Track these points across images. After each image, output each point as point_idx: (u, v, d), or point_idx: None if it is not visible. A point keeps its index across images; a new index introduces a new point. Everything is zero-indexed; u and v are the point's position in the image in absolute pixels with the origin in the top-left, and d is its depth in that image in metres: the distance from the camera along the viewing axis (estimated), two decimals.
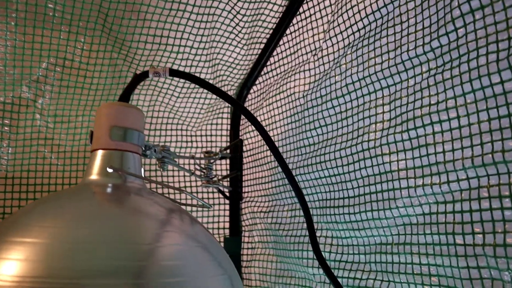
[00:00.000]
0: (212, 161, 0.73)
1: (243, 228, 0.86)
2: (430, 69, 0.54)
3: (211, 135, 0.85)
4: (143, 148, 0.57)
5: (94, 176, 0.51)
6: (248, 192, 0.86)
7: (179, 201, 0.66)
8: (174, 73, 0.56)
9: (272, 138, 0.68)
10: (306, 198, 0.70)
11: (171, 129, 0.82)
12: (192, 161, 0.78)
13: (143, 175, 0.54)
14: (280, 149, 0.76)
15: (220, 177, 0.69)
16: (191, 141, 0.84)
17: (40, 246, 0.39)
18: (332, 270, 0.57)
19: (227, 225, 0.85)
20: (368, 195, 0.60)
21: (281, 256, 0.75)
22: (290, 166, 0.73)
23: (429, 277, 0.53)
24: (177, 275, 0.42)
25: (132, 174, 0.52)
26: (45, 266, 0.38)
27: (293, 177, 0.55)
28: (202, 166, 0.72)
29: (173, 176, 0.82)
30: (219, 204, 0.85)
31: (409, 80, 0.56)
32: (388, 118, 0.58)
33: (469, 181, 0.49)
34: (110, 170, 0.51)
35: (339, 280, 0.61)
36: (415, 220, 0.55)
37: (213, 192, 0.85)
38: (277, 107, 0.77)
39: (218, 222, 0.84)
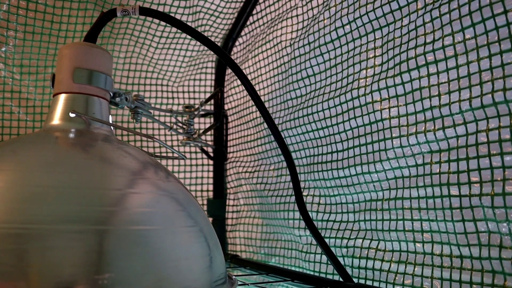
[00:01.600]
0: (192, 116, 0.68)
1: (228, 191, 0.81)
2: (426, 5, 0.49)
3: (193, 92, 0.80)
4: (112, 94, 0.52)
5: (55, 121, 0.47)
6: (233, 152, 0.81)
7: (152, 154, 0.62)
8: (145, 11, 0.51)
9: (258, 93, 0.63)
10: (293, 155, 0.65)
11: (150, 84, 0.77)
12: (169, 120, 0.74)
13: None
14: (266, 104, 0.71)
15: (200, 132, 0.64)
16: (172, 97, 0.78)
17: None
18: (319, 231, 0.53)
19: (211, 187, 0.81)
20: (358, 148, 0.55)
21: (267, 219, 0.71)
22: (276, 122, 0.68)
23: (421, 233, 0.48)
24: (146, 223, 0.38)
25: (98, 119, 0.48)
26: (2, 211, 0.34)
27: (279, 132, 0.51)
28: (182, 121, 0.67)
29: (146, 129, 0.76)
30: (202, 165, 0.81)
31: (403, 19, 0.51)
32: (380, 63, 0.53)
33: (466, 126, 0.44)
34: (72, 115, 0.46)
35: (327, 240, 0.57)
36: (407, 172, 0.50)
37: (196, 152, 0.80)
38: (263, 59, 0.72)
39: (202, 184, 0.80)
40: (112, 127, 0.50)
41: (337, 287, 0.51)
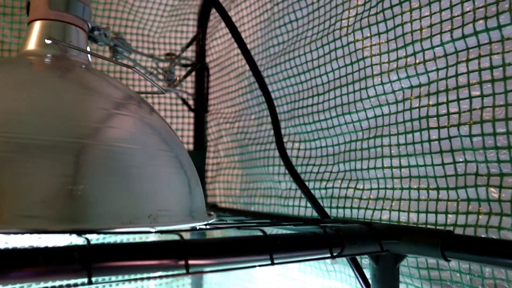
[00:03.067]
0: (173, 64, 0.67)
1: (208, 143, 0.81)
2: None
3: (175, 43, 0.79)
4: (90, 26, 0.51)
5: (30, 47, 0.46)
6: (213, 105, 0.81)
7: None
8: None
9: None
10: (274, 102, 0.65)
11: (131, 33, 0.75)
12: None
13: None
14: None
15: (181, 77, 0.63)
16: (153, 48, 0.77)
17: None
18: (300, 175, 0.53)
19: (191, 140, 0.80)
20: (339, 89, 0.55)
21: (246, 168, 0.71)
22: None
23: (399, 169, 0.49)
24: (126, 142, 0.38)
25: (75, 47, 0.47)
26: None
27: (262, 76, 0.51)
28: (163, 68, 0.66)
29: (126, 73, 0.74)
30: (183, 117, 0.80)
31: None
32: (362, 2, 0.53)
33: (446, 58, 0.44)
34: (48, 41, 0.45)
35: (306, 184, 0.57)
36: (387, 110, 0.50)
37: (176, 104, 0.79)
38: (245, 8, 0.71)
39: (182, 136, 0.79)
40: (89, 57, 0.49)
41: (314, 223, 0.51)
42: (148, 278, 0.28)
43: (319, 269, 0.56)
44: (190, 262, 0.30)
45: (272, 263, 0.33)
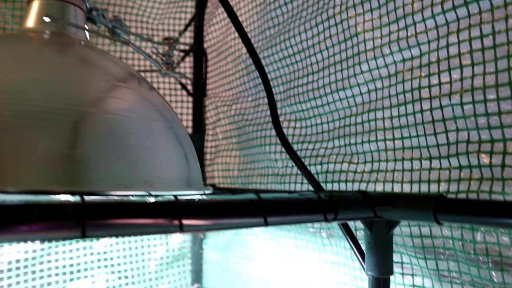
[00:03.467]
0: (172, 48, 0.68)
1: (206, 127, 0.82)
2: None
3: (173, 30, 0.79)
4: (88, 6, 0.52)
5: (29, 24, 0.46)
6: (212, 89, 0.81)
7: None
8: None
9: None
10: (271, 83, 0.66)
11: (130, 20, 0.76)
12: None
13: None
14: None
15: (179, 60, 0.64)
16: (152, 35, 0.78)
17: None
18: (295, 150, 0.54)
19: (190, 123, 0.81)
20: (333, 66, 0.56)
21: (244, 149, 0.72)
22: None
23: (392, 141, 0.49)
24: (125, 111, 0.39)
25: (73, 24, 0.48)
26: None
27: (259, 58, 0.51)
28: (161, 52, 0.67)
29: (125, 57, 0.75)
30: (182, 101, 0.81)
31: None
32: None
33: (437, 30, 0.45)
34: (47, 19, 0.46)
35: (302, 160, 0.58)
36: (380, 84, 0.51)
37: (175, 89, 0.80)
38: None
39: (181, 120, 0.80)
40: (87, 36, 0.50)
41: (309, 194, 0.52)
42: (142, 234, 0.29)
43: (315, 243, 0.57)
44: (184, 222, 0.30)
45: (266, 224, 0.33)
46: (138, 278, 0.76)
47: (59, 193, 0.31)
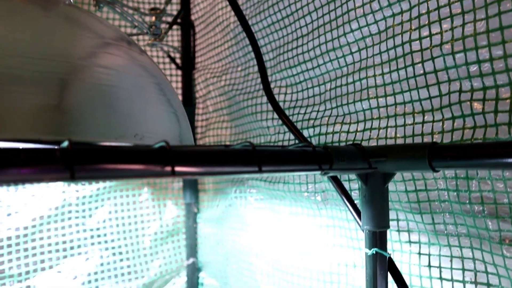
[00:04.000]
0: (159, 19, 0.67)
1: (196, 100, 0.81)
2: None
3: (160, 3, 0.78)
4: None
5: None
6: (201, 62, 0.81)
7: None
8: None
9: None
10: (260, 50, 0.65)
11: None
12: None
13: None
14: None
15: (166, 29, 0.63)
16: (138, 8, 0.77)
17: None
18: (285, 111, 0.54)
19: (180, 97, 0.80)
20: (322, 27, 0.55)
21: (235, 119, 0.71)
22: None
23: (384, 97, 0.49)
24: (114, 67, 0.38)
25: None
26: None
27: (248, 24, 0.51)
28: (148, 23, 0.66)
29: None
30: (171, 75, 0.80)
31: None
32: None
33: None
34: None
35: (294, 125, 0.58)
36: (370, 42, 0.50)
37: (163, 63, 0.79)
38: None
39: None
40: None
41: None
42: (134, 177, 0.28)
43: (310, 208, 0.57)
44: (177, 168, 0.29)
45: (260, 171, 0.33)
46: (132, 254, 0.75)
47: (46, 142, 0.31)
